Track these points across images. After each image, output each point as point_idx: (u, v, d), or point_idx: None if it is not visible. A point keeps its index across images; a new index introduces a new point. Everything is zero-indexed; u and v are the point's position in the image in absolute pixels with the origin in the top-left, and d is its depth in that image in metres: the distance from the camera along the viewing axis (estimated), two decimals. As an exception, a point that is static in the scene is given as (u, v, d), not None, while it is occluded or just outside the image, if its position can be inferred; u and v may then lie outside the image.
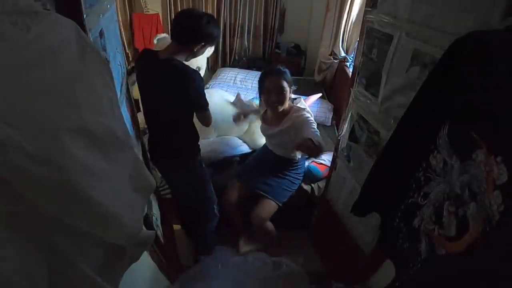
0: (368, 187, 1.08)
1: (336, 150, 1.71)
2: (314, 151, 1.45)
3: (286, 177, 1.87)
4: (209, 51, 3.01)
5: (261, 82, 1.74)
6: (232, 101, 2.38)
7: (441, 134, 0.78)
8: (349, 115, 1.51)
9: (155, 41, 2.40)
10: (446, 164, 0.76)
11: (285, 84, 1.65)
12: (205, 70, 2.73)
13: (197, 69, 2.60)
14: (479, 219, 0.64)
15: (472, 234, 0.66)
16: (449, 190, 0.75)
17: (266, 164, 1.91)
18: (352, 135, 1.48)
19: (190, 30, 1.39)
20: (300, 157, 1.90)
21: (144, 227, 0.77)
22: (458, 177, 0.71)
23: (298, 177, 1.93)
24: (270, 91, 1.67)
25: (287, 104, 1.71)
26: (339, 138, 1.66)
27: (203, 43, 1.43)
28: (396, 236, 0.95)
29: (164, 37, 2.39)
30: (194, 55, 1.48)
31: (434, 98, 0.81)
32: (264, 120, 1.88)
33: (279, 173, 1.87)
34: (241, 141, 2.22)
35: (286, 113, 1.74)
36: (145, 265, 1.28)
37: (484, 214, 0.62)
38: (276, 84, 1.65)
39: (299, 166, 1.93)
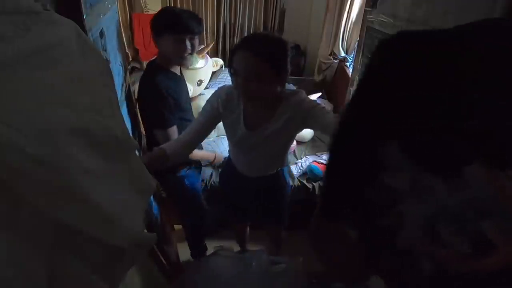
0: (327, 190, 0.97)
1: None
2: None
3: (282, 200, 1.54)
4: (216, 64, 3.02)
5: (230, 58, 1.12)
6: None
7: (391, 151, 0.67)
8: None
9: None
10: (417, 182, 0.67)
11: (265, 68, 1.03)
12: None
13: (198, 82, 2.59)
14: (504, 238, 0.59)
15: (502, 253, 0.60)
16: (435, 210, 0.67)
17: (252, 197, 1.48)
18: (353, 135, 1.47)
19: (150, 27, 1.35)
20: (285, 162, 1.44)
21: (145, 228, 0.77)
22: (447, 197, 0.64)
23: (288, 188, 1.55)
24: (239, 74, 1.08)
25: (266, 98, 1.13)
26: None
27: (160, 38, 1.34)
28: (378, 256, 0.86)
29: None
30: (170, 55, 1.38)
31: (368, 110, 0.70)
32: (245, 120, 1.21)
33: (273, 201, 1.51)
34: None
35: (277, 101, 1.18)
36: (145, 265, 1.28)
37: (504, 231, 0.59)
38: (248, 67, 1.04)
39: (284, 173, 1.49)
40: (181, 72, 1.54)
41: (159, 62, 1.41)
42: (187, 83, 1.60)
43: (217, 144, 2.20)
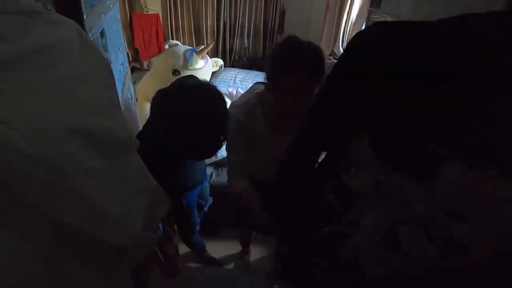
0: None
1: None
2: None
3: None
4: (216, 64, 3.01)
5: (276, 69, 1.03)
6: (230, 101, 2.39)
7: (357, 148, 0.64)
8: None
9: (166, 47, 2.43)
10: (381, 184, 0.62)
11: (312, 83, 1.01)
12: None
13: None
14: (486, 238, 0.56)
15: (489, 248, 0.57)
16: (400, 214, 0.61)
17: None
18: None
19: None
20: None
21: (146, 229, 0.76)
22: (420, 199, 0.59)
23: None
24: (290, 93, 1.01)
25: None
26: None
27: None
28: (312, 271, 0.77)
29: (176, 44, 2.41)
30: None
31: (335, 105, 0.67)
32: (269, 125, 1.16)
33: None
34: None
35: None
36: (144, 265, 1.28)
37: (494, 231, 0.55)
38: (305, 84, 1.00)
39: None
40: None
41: None
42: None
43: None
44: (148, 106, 1.46)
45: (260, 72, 3.24)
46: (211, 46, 3.11)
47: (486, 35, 0.54)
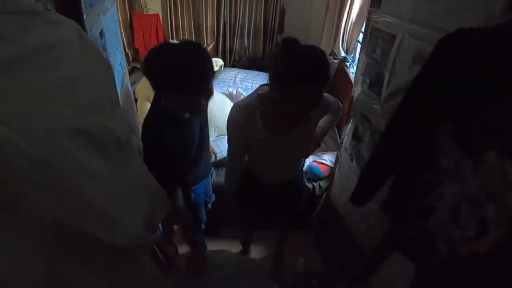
0: (366, 177, 1.08)
1: (339, 150, 1.71)
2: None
3: (300, 202, 1.56)
4: (216, 64, 3.00)
5: (287, 78, 0.97)
6: (230, 101, 2.38)
7: (445, 135, 0.77)
8: (353, 114, 1.51)
9: None
10: (458, 165, 0.75)
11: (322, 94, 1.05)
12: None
13: None
14: (499, 221, 0.64)
15: (494, 235, 0.66)
16: (465, 191, 0.74)
17: (271, 201, 1.43)
18: (356, 134, 1.48)
19: None
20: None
21: (146, 229, 0.76)
22: (472, 179, 0.71)
23: (305, 190, 1.62)
24: (303, 103, 1.01)
25: None
26: (342, 137, 1.66)
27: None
28: (412, 238, 0.91)
29: None
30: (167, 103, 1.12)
31: (426, 98, 0.80)
32: (267, 127, 1.14)
33: (292, 204, 1.52)
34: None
35: None
36: (145, 265, 1.28)
37: (505, 215, 0.62)
38: (319, 96, 1.02)
39: (302, 177, 1.53)
40: None
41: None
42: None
43: (217, 144, 2.20)
44: (148, 106, 1.46)
45: (260, 72, 3.24)
46: (211, 46, 3.11)
47: None
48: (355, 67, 2.52)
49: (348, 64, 2.80)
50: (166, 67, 0.99)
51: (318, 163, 2.08)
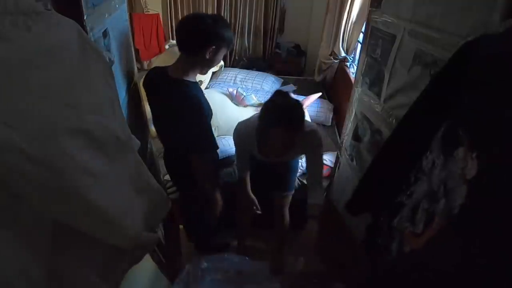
0: (363, 186, 1.08)
1: (339, 150, 1.71)
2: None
3: (291, 169, 1.77)
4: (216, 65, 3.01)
5: (268, 120, 1.27)
6: (231, 101, 2.39)
7: (437, 135, 0.78)
8: (353, 114, 1.51)
9: (166, 47, 2.40)
10: (434, 164, 0.76)
11: (294, 137, 1.28)
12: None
13: (199, 83, 2.59)
14: (443, 215, 0.65)
15: (433, 230, 0.67)
16: (429, 188, 0.75)
17: (268, 178, 1.70)
18: (356, 134, 1.48)
19: (195, 32, 1.20)
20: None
21: (146, 229, 0.76)
22: (438, 175, 0.71)
23: (297, 160, 1.81)
24: (275, 144, 1.34)
25: None
26: (342, 137, 1.66)
27: (213, 46, 1.21)
28: (377, 234, 0.96)
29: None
30: (208, 64, 1.29)
31: (439, 101, 0.80)
32: (262, 152, 1.48)
33: (284, 174, 1.76)
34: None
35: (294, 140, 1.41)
36: (145, 265, 1.28)
37: (448, 209, 0.63)
38: (282, 138, 1.27)
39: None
40: None
41: (185, 75, 1.25)
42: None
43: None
44: (147, 105, 1.46)
45: (260, 72, 3.24)
46: (211, 46, 3.10)
47: None
48: (355, 67, 2.53)
49: (348, 64, 2.81)
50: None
51: (318, 163, 2.08)
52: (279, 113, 1.24)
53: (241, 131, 1.50)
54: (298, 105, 1.29)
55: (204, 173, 1.37)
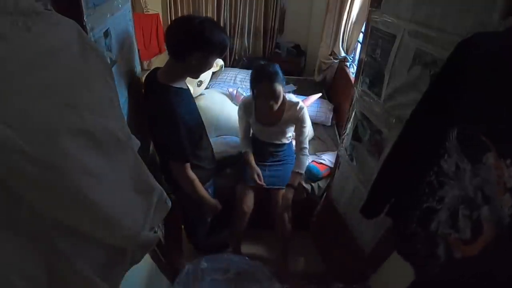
0: (376, 189, 1.08)
1: (339, 150, 1.72)
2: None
3: (286, 161, 1.95)
4: (216, 64, 3.00)
5: (252, 84, 1.69)
6: (231, 101, 2.38)
7: (450, 138, 0.77)
8: (353, 114, 1.51)
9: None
10: (459, 168, 0.76)
11: (278, 87, 1.61)
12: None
13: (198, 83, 2.58)
14: (492, 223, 0.64)
15: (486, 238, 0.66)
16: (463, 193, 0.74)
17: (264, 158, 1.93)
18: (356, 134, 1.48)
19: (181, 37, 1.15)
20: (290, 139, 1.99)
21: (146, 229, 0.76)
22: (470, 180, 0.71)
23: (292, 156, 1.97)
24: (264, 97, 1.65)
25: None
26: (342, 137, 1.66)
27: (200, 52, 1.16)
28: (414, 241, 0.94)
29: None
30: (196, 71, 1.26)
31: (440, 102, 0.80)
32: (258, 119, 1.84)
33: (279, 160, 1.94)
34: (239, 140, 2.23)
35: (281, 110, 1.77)
36: (145, 265, 1.28)
37: (496, 217, 0.62)
38: (270, 90, 1.61)
39: (290, 145, 2.02)
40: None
41: (169, 80, 1.24)
42: (187, 84, 1.58)
43: (216, 144, 2.20)
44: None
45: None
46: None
47: None
48: (355, 67, 2.53)
49: (348, 64, 2.80)
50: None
51: (317, 163, 2.08)
52: (258, 70, 1.66)
53: (243, 102, 1.87)
54: (272, 63, 1.70)
55: (182, 179, 1.36)
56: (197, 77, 1.36)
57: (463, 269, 0.73)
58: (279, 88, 1.61)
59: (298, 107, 1.77)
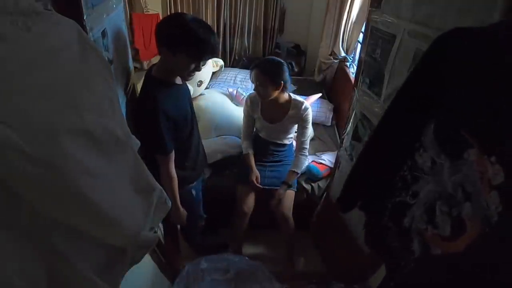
0: (351, 181, 1.08)
1: (339, 150, 1.72)
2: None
3: (286, 162, 1.95)
4: (216, 65, 3.00)
5: (250, 72, 1.81)
6: (231, 101, 2.38)
7: (427, 132, 0.77)
8: (353, 114, 1.51)
9: None
10: (435, 163, 0.76)
11: (266, 79, 1.68)
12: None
13: (198, 83, 2.58)
14: (476, 220, 0.64)
15: (470, 235, 0.65)
16: (440, 189, 0.74)
17: (264, 157, 1.94)
18: (356, 134, 1.48)
19: (161, 35, 1.18)
20: (291, 140, 2.02)
21: (146, 229, 0.76)
22: (449, 176, 0.71)
23: (292, 157, 1.97)
24: (255, 84, 1.76)
25: (271, 97, 1.74)
26: (342, 137, 1.66)
27: (178, 53, 1.16)
28: (385, 235, 0.95)
29: None
30: (178, 71, 1.25)
31: (417, 95, 0.80)
32: (263, 115, 1.87)
33: (279, 161, 1.95)
34: (241, 140, 2.23)
35: (287, 107, 1.81)
36: (145, 265, 1.28)
37: (481, 214, 0.62)
38: (258, 79, 1.71)
39: (291, 147, 2.04)
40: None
41: (160, 74, 1.27)
42: (187, 84, 1.57)
43: (216, 144, 2.20)
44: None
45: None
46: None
47: None
48: (355, 67, 2.52)
49: (348, 64, 2.80)
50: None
51: (317, 163, 2.07)
52: (258, 61, 1.83)
53: (249, 97, 1.90)
54: (276, 59, 1.81)
55: (162, 172, 1.32)
56: (184, 76, 1.31)
57: (444, 266, 0.73)
58: (265, 80, 1.69)
59: (303, 107, 1.80)
